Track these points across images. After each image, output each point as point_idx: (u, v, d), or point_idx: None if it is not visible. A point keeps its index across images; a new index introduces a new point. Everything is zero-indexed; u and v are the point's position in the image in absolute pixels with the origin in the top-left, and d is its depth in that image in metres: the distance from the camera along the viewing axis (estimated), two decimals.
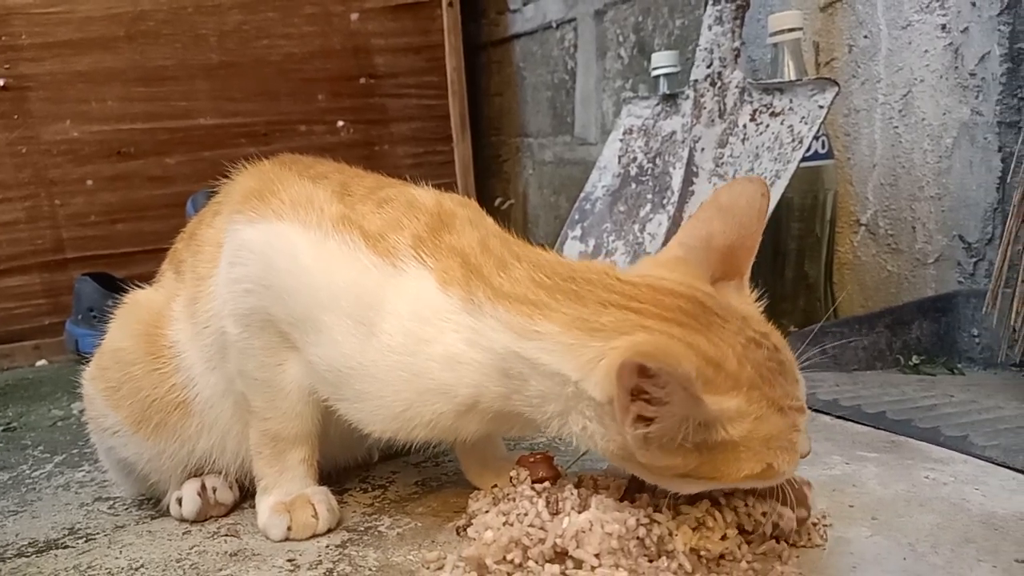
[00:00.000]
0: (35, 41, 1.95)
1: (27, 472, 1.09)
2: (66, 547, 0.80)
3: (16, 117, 1.96)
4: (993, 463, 0.85)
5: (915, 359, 1.27)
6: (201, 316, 0.80)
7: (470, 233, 0.71)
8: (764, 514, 0.64)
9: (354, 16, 2.24)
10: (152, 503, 0.90)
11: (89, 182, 2.03)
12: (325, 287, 0.70)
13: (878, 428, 0.99)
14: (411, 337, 0.67)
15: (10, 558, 0.78)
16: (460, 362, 0.66)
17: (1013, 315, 1.04)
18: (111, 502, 0.93)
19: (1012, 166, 1.20)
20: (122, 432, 0.84)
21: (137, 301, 0.89)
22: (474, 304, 0.66)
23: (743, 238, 0.68)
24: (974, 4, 1.26)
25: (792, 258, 1.43)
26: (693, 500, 0.65)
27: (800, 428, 0.61)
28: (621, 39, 2.08)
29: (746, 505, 0.65)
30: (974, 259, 1.31)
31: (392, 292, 0.68)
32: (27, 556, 0.78)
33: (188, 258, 0.84)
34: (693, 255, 0.68)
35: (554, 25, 2.29)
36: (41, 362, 1.97)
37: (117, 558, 0.76)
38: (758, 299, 0.68)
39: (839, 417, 1.05)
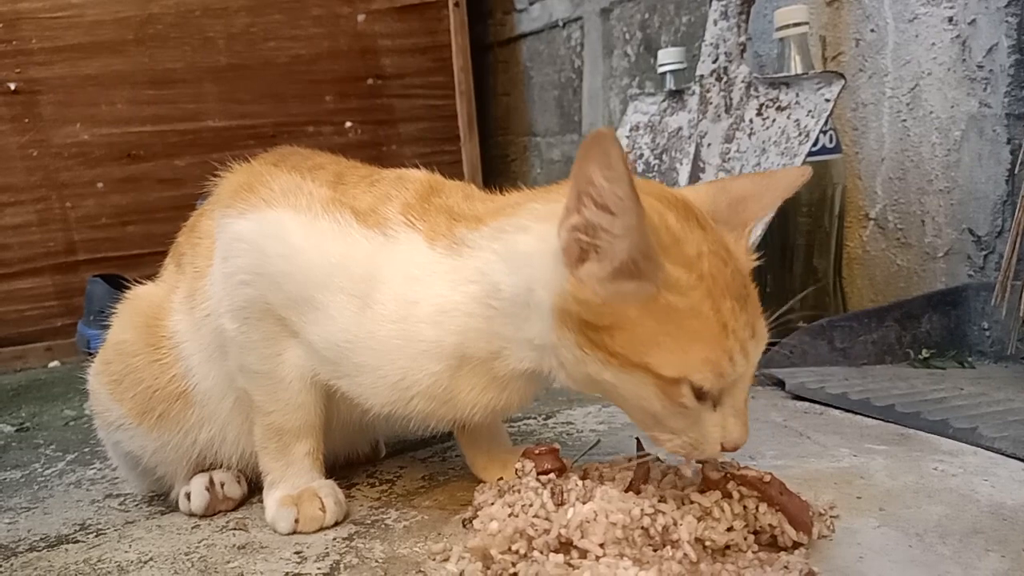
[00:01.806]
0: (45, 45, 1.97)
1: (39, 470, 1.10)
2: (76, 542, 0.80)
3: (27, 121, 1.97)
4: (1003, 454, 0.85)
5: (925, 353, 1.27)
6: (199, 311, 0.80)
7: (458, 192, 0.75)
8: (771, 525, 0.64)
9: (361, 17, 2.25)
10: (162, 499, 0.91)
11: (99, 184, 2.04)
12: (318, 265, 0.71)
13: (887, 421, 0.99)
14: (401, 302, 0.69)
15: (22, 552, 0.79)
16: (444, 311, 0.68)
17: (1022, 308, 1.04)
18: (121, 498, 0.94)
19: (1020, 158, 1.20)
20: (126, 425, 0.85)
21: (138, 295, 0.90)
22: (456, 243, 0.69)
23: (760, 194, 0.68)
24: None
25: (801, 252, 1.43)
26: (702, 491, 0.65)
27: (735, 361, 0.59)
28: (628, 37, 2.08)
29: (756, 508, 0.64)
30: (984, 252, 1.31)
31: (384, 261, 0.70)
32: (38, 550, 0.79)
33: (188, 251, 0.85)
34: (704, 191, 0.69)
35: (560, 24, 2.30)
36: (53, 363, 1.99)
37: (127, 552, 0.76)
38: (768, 289, 0.69)
39: (848, 411, 1.04)
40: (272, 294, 0.73)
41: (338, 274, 0.70)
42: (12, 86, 1.95)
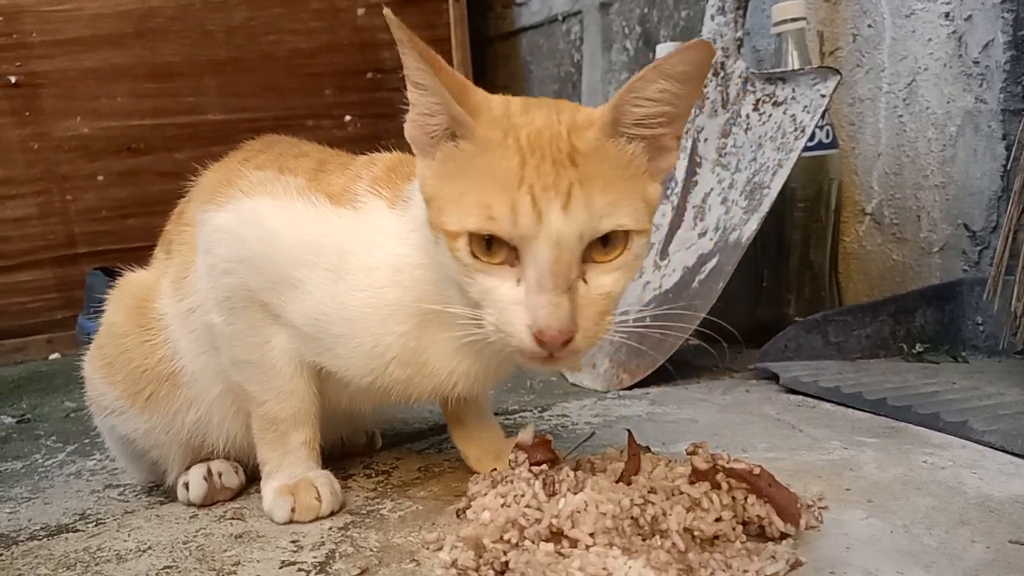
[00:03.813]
0: (45, 38, 1.97)
1: (40, 461, 1.11)
2: (76, 531, 0.81)
3: (28, 114, 1.98)
4: (992, 447, 0.86)
5: (919, 347, 1.27)
6: (185, 303, 0.82)
7: None
8: (759, 516, 0.64)
9: (360, 11, 2.25)
10: (161, 489, 0.92)
11: (100, 177, 2.05)
12: (293, 245, 0.73)
13: (878, 414, 1.00)
14: (366, 270, 0.71)
15: (23, 541, 0.80)
16: (399, 269, 0.70)
17: (1014, 302, 1.04)
18: (121, 489, 0.95)
19: (1015, 153, 1.20)
20: (119, 408, 0.86)
21: (129, 280, 0.91)
22: (404, 200, 0.72)
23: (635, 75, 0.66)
24: None
25: (797, 248, 1.44)
26: (691, 482, 0.66)
27: (519, 212, 0.58)
28: (627, 31, 2.08)
29: (745, 499, 0.65)
30: (979, 247, 1.31)
31: (353, 232, 0.72)
32: (39, 539, 0.80)
33: (176, 237, 0.87)
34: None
35: (560, 18, 2.30)
36: (54, 355, 2.00)
37: (125, 541, 0.77)
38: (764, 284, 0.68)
39: (840, 404, 1.05)
40: (253, 279, 0.75)
41: (312, 251, 0.72)
42: (13, 79, 1.96)
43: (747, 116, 1.36)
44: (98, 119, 2.03)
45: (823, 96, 1.24)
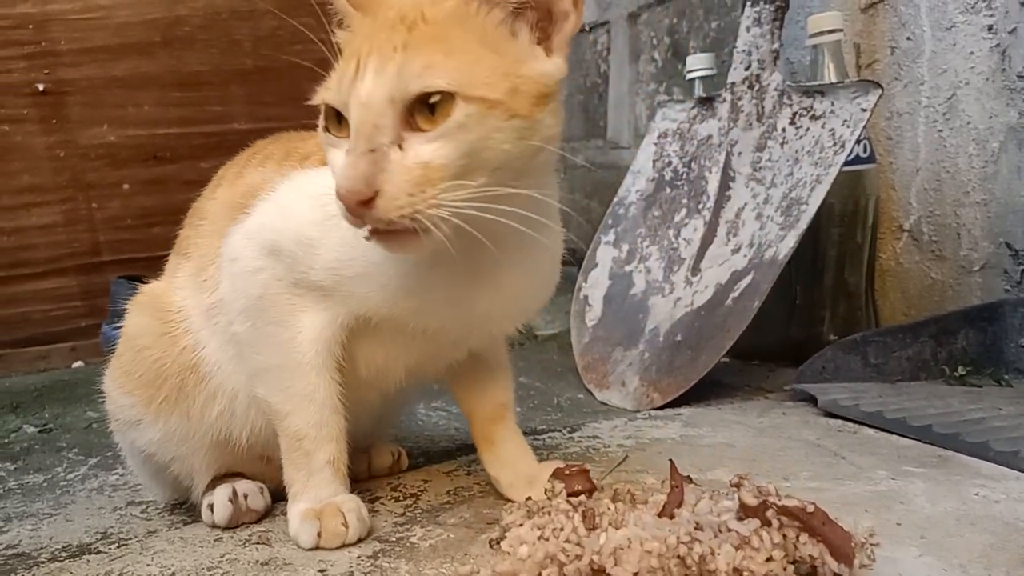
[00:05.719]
0: (73, 47, 1.98)
1: (62, 475, 1.09)
2: (98, 552, 0.80)
3: (55, 122, 1.98)
4: None
5: (961, 370, 1.23)
6: (209, 296, 0.81)
7: None
8: (811, 556, 0.61)
9: None
10: (184, 508, 0.90)
11: (125, 186, 2.05)
12: (301, 209, 0.75)
13: (924, 442, 0.96)
14: None
15: (44, 562, 0.78)
16: None
17: None
18: (144, 506, 0.93)
19: None
20: (135, 417, 0.85)
21: (147, 290, 0.91)
22: None
23: None
24: (1022, 4, 1.22)
25: (832, 265, 1.40)
26: (739, 518, 0.63)
27: (343, 78, 0.63)
28: (655, 42, 2.05)
29: (796, 538, 0.61)
30: (1021, 267, 1.27)
31: None
32: (60, 560, 0.78)
33: (192, 234, 0.87)
34: None
35: (587, 28, 2.28)
36: (77, 364, 1.99)
37: (148, 565, 0.75)
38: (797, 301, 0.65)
39: (883, 430, 1.02)
40: (280, 264, 0.75)
41: (319, 205, 0.71)
42: (41, 87, 1.96)
43: (783, 130, 1.33)
44: (124, 127, 2.03)
45: (864, 110, 1.21)
